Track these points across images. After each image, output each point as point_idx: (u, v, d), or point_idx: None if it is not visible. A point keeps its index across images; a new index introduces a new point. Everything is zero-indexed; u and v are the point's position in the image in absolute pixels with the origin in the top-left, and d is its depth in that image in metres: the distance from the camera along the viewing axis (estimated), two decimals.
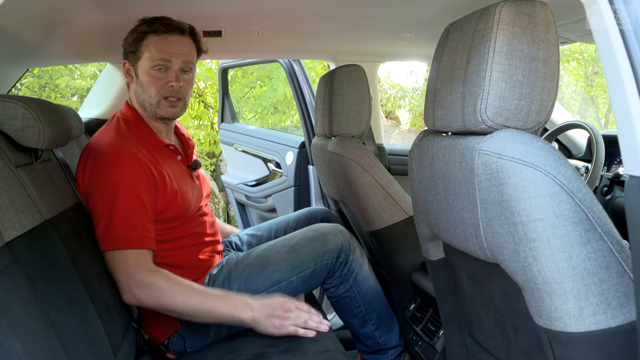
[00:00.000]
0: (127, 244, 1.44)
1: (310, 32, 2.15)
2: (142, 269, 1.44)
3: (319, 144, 2.12)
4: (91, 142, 1.58)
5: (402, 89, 9.47)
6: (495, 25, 0.95)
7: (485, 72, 0.95)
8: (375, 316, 1.83)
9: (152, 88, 1.59)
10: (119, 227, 1.44)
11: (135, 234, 1.46)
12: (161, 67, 1.58)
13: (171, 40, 1.58)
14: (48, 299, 1.09)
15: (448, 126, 1.08)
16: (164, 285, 1.44)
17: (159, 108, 1.61)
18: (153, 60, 1.57)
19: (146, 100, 1.61)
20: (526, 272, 0.90)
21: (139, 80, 1.60)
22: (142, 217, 1.48)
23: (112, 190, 1.45)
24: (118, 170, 1.47)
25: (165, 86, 1.59)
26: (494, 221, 0.94)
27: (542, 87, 0.96)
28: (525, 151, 0.88)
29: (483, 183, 0.95)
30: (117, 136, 1.56)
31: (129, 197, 1.46)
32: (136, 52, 1.59)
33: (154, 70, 1.58)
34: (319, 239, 1.73)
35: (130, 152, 1.50)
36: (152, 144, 1.63)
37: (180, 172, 1.67)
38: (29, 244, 1.10)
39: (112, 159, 1.48)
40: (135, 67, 1.61)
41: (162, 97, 1.60)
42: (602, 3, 0.79)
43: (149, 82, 1.59)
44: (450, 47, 1.09)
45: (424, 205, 1.24)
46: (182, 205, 1.61)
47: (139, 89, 1.62)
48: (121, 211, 1.44)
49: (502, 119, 0.95)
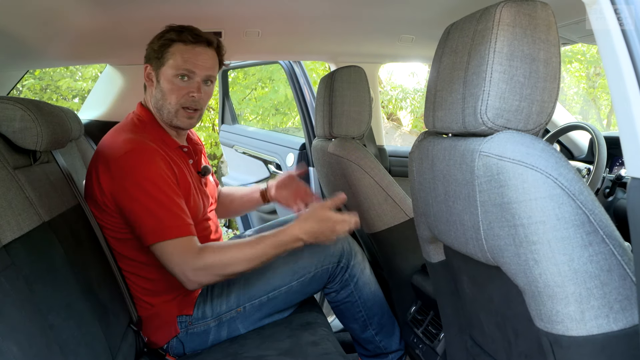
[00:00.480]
0: (177, 232, 1.44)
1: (310, 33, 2.14)
2: (192, 255, 1.44)
3: (319, 146, 2.11)
4: (107, 143, 1.56)
5: (404, 90, 9.45)
6: (495, 25, 0.94)
7: (485, 72, 0.94)
8: (376, 321, 1.82)
9: (173, 96, 1.57)
10: (166, 218, 1.44)
11: (182, 222, 1.46)
12: (184, 76, 1.56)
13: (198, 52, 1.57)
14: (46, 302, 1.09)
15: (448, 127, 1.07)
16: (216, 260, 1.45)
17: (176, 117, 1.60)
18: (178, 68, 1.55)
19: (165, 106, 1.59)
20: (527, 275, 0.89)
21: (160, 86, 1.59)
22: (181, 206, 1.49)
23: (148, 185, 1.44)
24: (145, 165, 1.46)
25: (186, 96, 1.58)
26: (495, 223, 0.93)
27: (543, 88, 0.95)
28: (526, 153, 0.87)
29: (483, 185, 0.94)
30: (135, 134, 1.55)
31: (164, 188, 1.46)
32: (161, 58, 1.57)
33: (176, 79, 1.56)
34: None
35: (149, 147, 1.50)
36: (167, 144, 1.61)
37: (191, 177, 1.66)
38: (27, 246, 1.09)
39: (134, 156, 1.47)
40: (157, 72, 1.59)
41: (181, 107, 1.59)
42: (604, 3, 0.78)
43: (171, 90, 1.57)
44: (450, 48, 1.08)
45: (424, 207, 1.24)
46: (192, 208, 1.59)
47: (158, 94, 1.60)
48: (163, 203, 1.45)
49: (503, 120, 0.94)
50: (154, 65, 1.60)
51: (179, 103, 1.58)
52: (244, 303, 1.64)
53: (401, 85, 9.57)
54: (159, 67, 1.58)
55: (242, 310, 1.64)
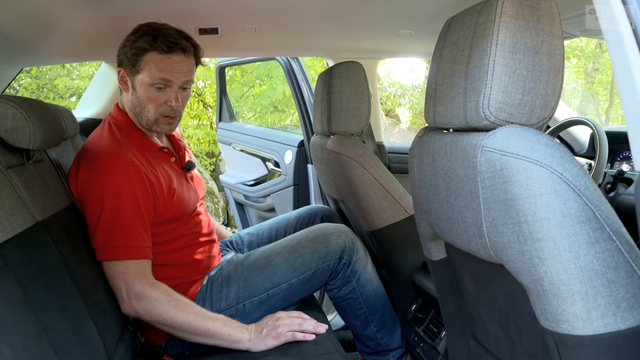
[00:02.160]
0: (127, 254, 1.42)
1: (308, 29, 2.12)
2: (143, 281, 1.42)
3: (317, 142, 2.09)
4: (85, 147, 1.54)
5: (402, 87, 9.44)
6: (497, 17, 0.91)
7: (487, 66, 0.92)
8: (377, 318, 1.81)
9: (151, 105, 1.54)
10: (118, 237, 1.41)
11: (134, 244, 1.43)
12: (161, 85, 1.52)
13: (173, 60, 1.51)
14: (39, 303, 1.07)
15: (449, 122, 1.05)
16: (164, 299, 1.42)
17: (156, 125, 1.58)
18: (153, 78, 1.51)
19: (143, 114, 1.56)
20: (531, 273, 0.87)
21: (136, 93, 1.55)
22: (140, 227, 1.45)
23: (109, 199, 1.42)
24: (115, 177, 1.43)
25: (164, 105, 1.55)
26: (498, 220, 0.91)
27: (547, 81, 0.93)
28: (530, 147, 0.85)
29: (486, 181, 0.91)
30: (111, 142, 1.52)
31: (127, 205, 1.43)
32: (135, 65, 1.52)
33: (152, 88, 1.52)
34: (320, 239, 1.71)
35: (126, 159, 1.47)
36: (146, 148, 1.59)
37: (175, 175, 1.63)
38: (20, 247, 1.07)
39: (108, 166, 1.45)
40: (132, 78, 1.54)
41: (160, 115, 1.56)
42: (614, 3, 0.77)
43: (148, 99, 1.54)
44: (451, 41, 1.06)
45: (425, 204, 1.21)
46: (179, 207, 1.58)
47: (134, 100, 1.56)
48: (120, 220, 1.42)
49: (506, 115, 0.92)
50: (128, 70, 1.55)
51: (158, 112, 1.55)
52: (244, 300, 1.62)
53: (399, 81, 9.55)
54: (134, 74, 1.53)
55: (242, 307, 1.62)
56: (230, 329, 1.45)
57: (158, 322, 1.43)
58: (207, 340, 1.45)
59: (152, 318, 1.42)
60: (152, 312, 1.41)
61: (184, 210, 1.60)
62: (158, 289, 1.43)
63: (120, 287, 1.41)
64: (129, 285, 1.41)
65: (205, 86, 7.57)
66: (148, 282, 1.43)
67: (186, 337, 1.45)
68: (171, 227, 1.58)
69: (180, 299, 1.45)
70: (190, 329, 1.43)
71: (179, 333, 1.45)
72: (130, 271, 1.42)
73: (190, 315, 1.43)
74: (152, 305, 1.41)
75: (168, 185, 1.56)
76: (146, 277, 1.43)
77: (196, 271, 1.66)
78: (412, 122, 9.55)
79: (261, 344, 1.45)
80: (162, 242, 1.56)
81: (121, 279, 1.41)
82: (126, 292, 1.41)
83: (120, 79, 1.59)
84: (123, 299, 1.42)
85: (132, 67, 1.52)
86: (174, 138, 1.77)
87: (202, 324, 1.43)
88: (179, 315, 1.42)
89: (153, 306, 1.41)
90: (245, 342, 1.45)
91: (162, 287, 1.44)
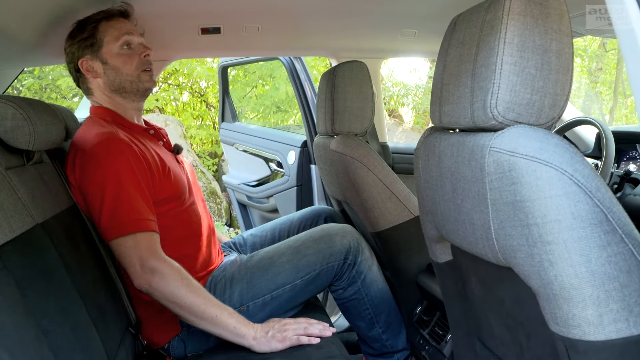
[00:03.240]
0: (135, 227, 1.41)
1: (311, 28, 2.10)
2: (156, 255, 1.41)
3: (321, 143, 2.07)
4: (75, 139, 1.54)
5: (405, 86, 9.42)
6: (505, 15, 0.89)
7: (495, 64, 0.90)
8: (383, 319, 1.79)
9: (128, 65, 1.60)
10: (124, 213, 1.41)
11: (141, 217, 1.42)
12: (128, 43, 1.59)
13: (122, 21, 1.60)
14: (39, 307, 1.05)
15: (456, 122, 1.03)
16: (177, 276, 1.41)
17: (140, 81, 1.62)
18: (119, 39, 1.58)
19: (125, 80, 1.61)
20: (541, 276, 0.85)
21: (110, 66, 1.60)
22: (143, 201, 1.45)
23: (109, 180, 1.41)
24: (111, 158, 1.43)
25: (139, 59, 1.61)
26: (507, 223, 0.89)
27: (556, 80, 0.90)
28: (539, 148, 0.83)
29: (494, 182, 0.89)
30: (99, 128, 1.52)
31: (127, 183, 1.43)
32: (95, 43, 1.58)
33: (122, 49, 1.59)
34: (325, 239, 1.69)
35: (119, 139, 1.48)
36: (134, 130, 1.62)
37: (166, 155, 1.65)
38: (19, 249, 1.06)
39: (103, 148, 1.45)
40: (99, 56, 1.59)
41: (140, 71, 1.61)
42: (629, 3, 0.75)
43: (124, 61, 1.59)
44: (457, 40, 1.04)
45: (431, 205, 1.19)
46: (176, 186, 1.58)
47: (111, 74, 1.60)
48: (123, 198, 1.41)
49: (514, 115, 0.90)
50: (90, 54, 1.59)
51: (138, 68, 1.61)
52: (247, 302, 1.61)
53: (402, 81, 9.53)
54: (97, 51, 1.59)
55: (246, 309, 1.60)
56: (237, 322, 1.43)
57: (168, 299, 1.41)
58: (211, 327, 1.43)
59: (163, 294, 1.40)
60: (164, 288, 1.40)
61: (181, 187, 1.61)
62: (171, 266, 1.42)
63: (133, 261, 1.40)
64: (143, 259, 1.39)
65: (208, 86, 7.56)
66: (161, 257, 1.42)
67: (192, 320, 1.43)
68: (170, 207, 1.57)
69: (192, 280, 1.44)
70: (199, 312, 1.41)
71: (185, 314, 1.42)
72: (142, 244, 1.40)
73: (200, 298, 1.41)
74: (165, 280, 1.39)
75: (162, 163, 1.57)
76: (158, 252, 1.42)
77: (198, 266, 1.64)
78: (416, 122, 9.53)
79: (265, 345, 1.43)
80: (163, 225, 1.53)
81: (134, 254, 1.40)
82: (140, 266, 1.39)
83: (86, 72, 1.61)
84: (137, 272, 1.40)
85: (92, 46, 1.58)
86: (155, 127, 1.76)
87: (210, 309, 1.41)
88: (190, 296, 1.40)
89: (166, 281, 1.39)
90: (250, 339, 1.43)
91: (174, 264, 1.43)
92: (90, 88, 1.64)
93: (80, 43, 1.58)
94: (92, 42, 1.58)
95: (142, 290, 1.42)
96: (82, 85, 1.65)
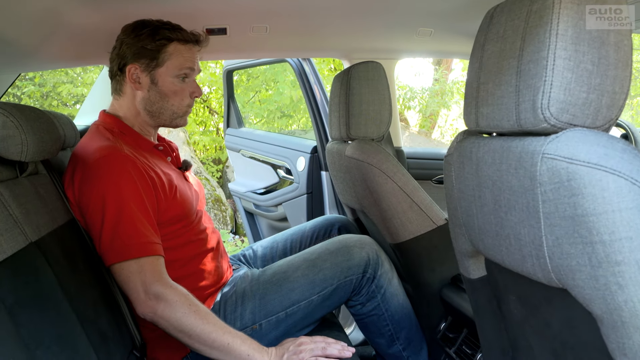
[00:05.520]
0: (140, 251, 1.29)
1: (322, 28, 1.99)
2: (161, 281, 1.30)
3: (335, 149, 1.95)
4: (77, 151, 1.43)
5: (411, 90, 9.32)
6: (557, 4, 0.79)
7: (546, 60, 0.79)
8: (403, 335, 1.68)
9: (176, 98, 1.52)
10: (127, 235, 1.29)
11: (146, 240, 1.31)
12: (186, 76, 1.51)
13: (193, 51, 1.52)
14: (33, 336, 0.95)
15: (497, 126, 0.92)
16: (184, 302, 1.29)
17: (180, 117, 1.56)
18: (180, 68, 1.49)
19: (167, 109, 1.52)
20: (607, 301, 0.74)
21: (157, 88, 1.49)
22: (147, 222, 1.33)
23: (110, 197, 1.30)
24: (113, 174, 1.32)
25: (188, 97, 1.54)
26: (564, 239, 0.78)
27: (614, 76, 0.80)
28: (604, 154, 0.72)
29: (549, 193, 0.78)
30: (103, 141, 1.41)
31: (130, 201, 1.31)
32: (157, 58, 1.47)
33: (177, 79, 1.50)
34: (342, 252, 1.58)
35: (122, 155, 1.36)
36: (141, 146, 1.50)
37: (174, 173, 1.53)
38: (11, 271, 0.96)
39: (105, 164, 1.33)
40: (152, 73, 1.48)
41: (187, 107, 1.55)
42: None
43: (173, 93, 1.50)
44: (495, 34, 0.93)
45: (466, 217, 1.08)
46: (182, 205, 1.47)
47: (155, 97, 1.50)
48: (126, 218, 1.30)
49: (568, 116, 0.79)
50: (143, 65, 1.48)
51: (185, 104, 1.53)
52: (260, 320, 1.50)
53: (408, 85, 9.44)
54: (155, 67, 1.48)
55: (258, 327, 1.50)
56: (250, 349, 1.31)
57: (175, 327, 1.29)
58: (223, 356, 1.31)
59: (170, 322, 1.29)
60: (170, 316, 1.28)
61: (188, 208, 1.49)
62: (178, 291, 1.30)
63: (137, 287, 1.28)
64: (147, 285, 1.28)
65: (211, 92, 7.47)
66: (167, 282, 1.31)
67: (201, 349, 1.31)
68: (176, 227, 1.47)
69: (200, 306, 1.32)
70: (209, 341, 1.29)
71: (194, 344, 1.30)
72: (147, 269, 1.29)
73: (210, 325, 1.30)
74: (172, 308, 1.28)
75: (169, 181, 1.45)
76: (163, 277, 1.31)
77: (207, 284, 1.54)
78: (421, 125, 9.43)
79: None
80: (169, 247, 1.43)
81: (137, 279, 1.28)
82: (144, 292, 1.28)
83: (130, 78, 1.49)
84: (140, 299, 1.28)
85: (152, 60, 1.47)
86: (165, 141, 1.66)
87: (221, 336, 1.30)
88: (199, 323, 1.28)
89: (173, 309, 1.28)
90: None
91: (181, 289, 1.32)
92: (123, 92, 1.53)
93: (142, 51, 1.47)
94: (154, 57, 1.47)
95: (146, 319, 1.31)
96: (117, 84, 1.53)
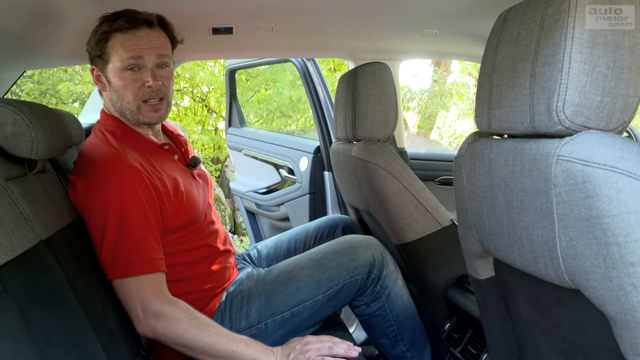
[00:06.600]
0: (140, 269, 1.29)
1: (328, 28, 2.00)
2: (160, 298, 1.29)
3: (340, 149, 1.96)
4: (80, 157, 1.41)
5: (410, 91, 9.33)
6: (573, 7, 0.79)
7: (562, 63, 0.79)
8: (408, 335, 1.68)
9: (128, 92, 1.41)
10: (128, 251, 1.28)
11: (147, 256, 1.30)
12: (133, 66, 1.39)
13: (139, 36, 1.39)
14: (43, 333, 0.95)
15: (510, 127, 0.92)
16: (184, 318, 1.29)
17: (140, 114, 1.43)
18: (123, 61, 1.38)
19: (125, 107, 1.43)
20: (621, 302, 0.74)
21: (112, 86, 1.42)
22: (150, 237, 1.32)
23: (113, 210, 1.28)
24: (116, 186, 1.30)
25: (142, 88, 1.41)
26: (578, 241, 0.78)
27: (628, 80, 0.80)
28: (620, 157, 0.72)
29: (563, 195, 0.79)
30: (107, 148, 1.39)
31: (133, 215, 1.30)
32: (102, 55, 1.40)
33: (126, 72, 1.39)
34: (348, 252, 1.58)
35: (126, 164, 1.33)
36: (145, 149, 1.46)
37: (181, 173, 1.50)
38: (21, 269, 0.96)
39: (107, 174, 1.31)
40: (104, 72, 1.42)
41: (141, 102, 1.42)
42: None
43: (124, 86, 1.40)
44: (509, 36, 0.93)
45: (476, 218, 1.08)
46: (190, 210, 1.46)
47: (113, 95, 1.43)
48: (127, 232, 1.28)
49: (583, 119, 0.80)
50: (99, 65, 1.43)
51: (138, 98, 1.41)
52: (266, 319, 1.51)
53: (407, 86, 9.45)
54: (104, 65, 1.42)
55: (264, 327, 1.50)
56: (256, 352, 1.31)
57: (178, 343, 1.29)
58: None
59: (172, 339, 1.29)
60: (172, 333, 1.28)
61: (196, 212, 1.48)
62: (177, 307, 1.30)
63: (135, 305, 1.28)
64: (145, 303, 1.28)
65: (210, 90, 7.46)
66: (166, 299, 1.30)
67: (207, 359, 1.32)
68: (184, 233, 1.46)
69: (202, 318, 1.32)
70: (213, 352, 1.29)
71: (199, 356, 1.31)
72: (146, 287, 1.28)
73: (213, 336, 1.29)
74: (172, 324, 1.28)
75: (175, 187, 1.43)
76: (163, 294, 1.30)
77: (214, 285, 1.53)
78: (420, 126, 9.44)
79: None
80: (176, 252, 1.43)
81: (136, 297, 1.28)
82: (142, 311, 1.28)
83: (95, 80, 1.46)
84: (139, 318, 1.28)
85: (101, 58, 1.41)
86: (173, 134, 1.63)
87: (225, 345, 1.29)
88: (201, 336, 1.28)
89: (173, 326, 1.28)
90: None
91: (181, 304, 1.31)
92: (101, 93, 1.50)
93: (92, 51, 1.43)
94: (99, 54, 1.41)
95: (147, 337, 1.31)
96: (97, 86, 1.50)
